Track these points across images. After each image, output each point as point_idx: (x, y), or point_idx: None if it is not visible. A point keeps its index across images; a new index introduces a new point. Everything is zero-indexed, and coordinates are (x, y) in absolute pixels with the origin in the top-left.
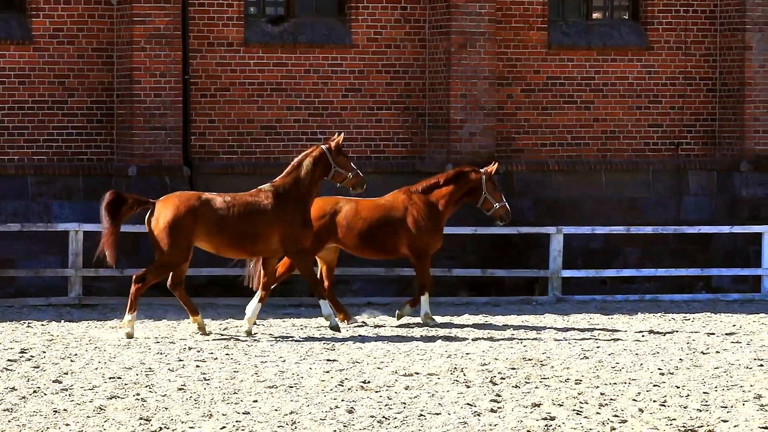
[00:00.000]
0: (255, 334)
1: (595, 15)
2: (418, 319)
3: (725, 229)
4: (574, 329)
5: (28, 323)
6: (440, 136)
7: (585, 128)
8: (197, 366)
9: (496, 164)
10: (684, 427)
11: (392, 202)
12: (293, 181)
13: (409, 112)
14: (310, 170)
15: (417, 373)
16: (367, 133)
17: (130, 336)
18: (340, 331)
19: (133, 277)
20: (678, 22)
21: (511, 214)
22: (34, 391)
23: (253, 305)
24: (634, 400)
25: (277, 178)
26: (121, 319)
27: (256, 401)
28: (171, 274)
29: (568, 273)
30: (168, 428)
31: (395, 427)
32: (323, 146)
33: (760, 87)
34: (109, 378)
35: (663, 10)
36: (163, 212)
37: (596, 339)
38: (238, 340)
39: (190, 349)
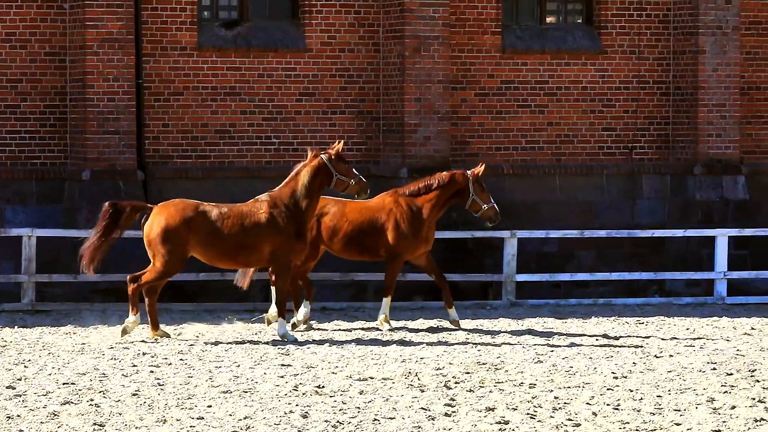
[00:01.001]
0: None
1: (548, 19)
2: (372, 324)
3: (679, 232)
4: (528, 333)
5: None
6: (394, 140)
7: (539, 132)
8: (151, 371)
9: (483, 165)
10: (637, 430)
11: (379, 205)
12: (290, 192)
13: (363, 116)
14: (308, 181)
15: (371, 378)
16: (321, 137)
17: (124, 332)
18: (296, 342)
19: (128, 277)
20: (631, 26)
21: (499, 215)
22: None
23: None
24: (587, 403)
25: (275, 189)
26: (75, 324)
27: (210, 406)
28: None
29: (522, 277)
30: None
31: None
32: (323, 155)
33: (713, 91)
34: (63, 384)
35: (616, 14)
36: (157, 219)
37: (550, 343)
38: (193, 345)
39: (144, 354)
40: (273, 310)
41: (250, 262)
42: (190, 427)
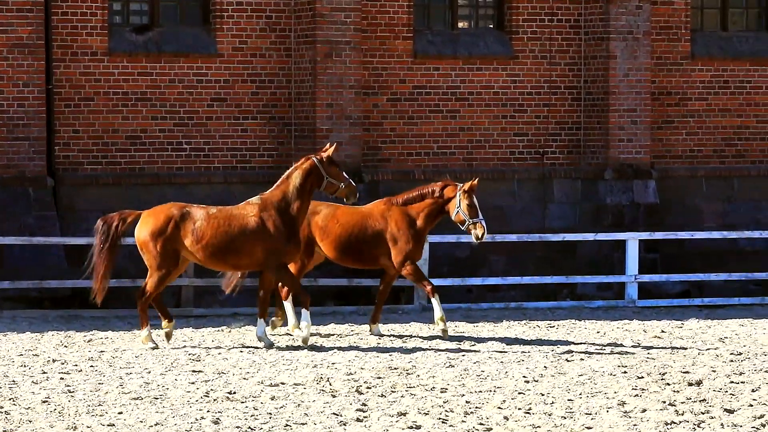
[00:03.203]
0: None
1: (460, 24)
2: (284, 329)
3: (590, 236)
4: (439, 338)
5: None
6: (306, 146)
7: (451, 137)
8: (61, 378)
9: (477, 179)
10: None
11: (374, 212)
12: (281, 194)
13: (275, 122)
14: (299, 183)
15: (283, 384)
16: (233, 143)
17: (154, 347)
18: (272, 347)
19: (137, 293)
20: (543, 32)
21: (486, 233)
22: None
23: (306, 315)
24: (499, 407)
25: (267, 191)
26: None
27: (121, 413)
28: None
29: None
30: None
31: None
32: (314, 158)
33: (624, 96)
34: None
35: (528, 20)
36: (145, 223)
37: (462, 347)
38: (103, 352)
39: (54, 361)
40: (291, 319)
41: (240, 264)
42: None
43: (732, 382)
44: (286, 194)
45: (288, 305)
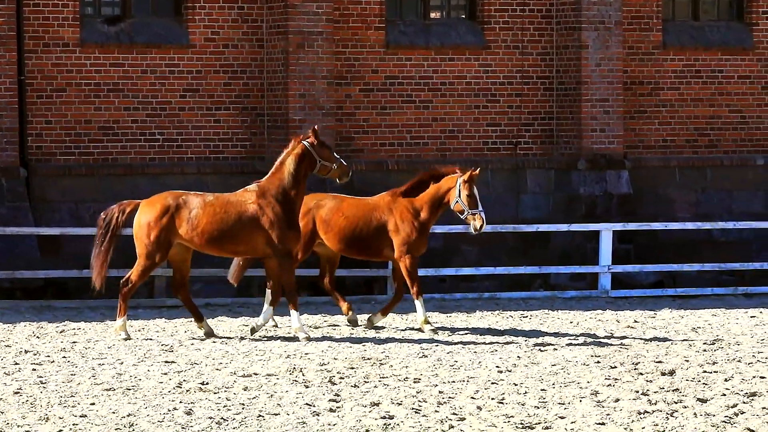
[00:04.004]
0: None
1: (432, 14)
2: (254, 320)
3: (563, 227)
4: (413, 328)
5: None
6: (279, 136)
7: (424, 128)
8: (33, 369)
9: (478, 169)
10: (522, 424)
11: (379, 204)
12: (278, 181)
13: (247, 112)
14: (294, 168)
15: (256, 374)
16: (205, 134)
17: (127, 338)
18: (309, 339)
19: (121, 281)
20: (515, 22)
21: (485, 224)
22: None
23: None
24: (472, 397)
25: (263, 179)
26: None
27: (93, 404)
28: (172, 278)
29: None
30: None
31: (234, 428)
32: (305, 142)
33: (596, 85)
34: None
35: (499, 10)
36: (142, 211)
37: (435, 338)
38: (76, 343)
39: (26, 352)
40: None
41: (238, 251)
42: (73, 425)
43: (705, 371)
44: (283, 181)
45: (268, 295)
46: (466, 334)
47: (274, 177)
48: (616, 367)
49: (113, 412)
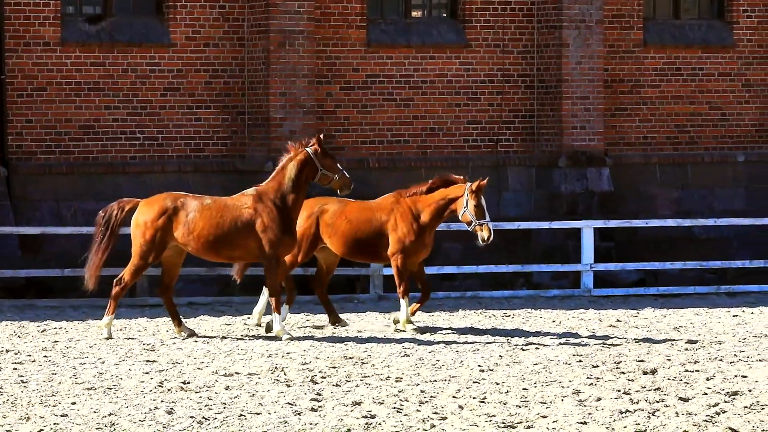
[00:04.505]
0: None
1: (413, 13)
2: (239, 318)
3: (544, 224)
4: (394, 327)
5: None
6: (260, 135)
7: (405, 126)
8: (14, 368)
9: (486, 179)
10: (503, 423)
11: (381, 206)
12: (277, 186)
13: (228, 111)
14: (294, 174)
15: (237, 373)
16: (186, 132)
17: (108, 338)
18: (292, 339)
19: (114, 280)
20: (496, 20)
21: (492, 235)
22: None
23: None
24: (454, 397)
25: (262, 183)
26: None
27: (74, 403)
28: (161, 279)
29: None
30: None
31: (215, 428)
32: (308, 149)
33: (577, 83)
34: None
35: (481, 8)
36: (140, 211)
37: (417, 336)
38: (57, 342)
39: (7, 351)
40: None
41: (233, 256)
42: (54, 424)
43: (687, 370)
44: (282, 186)
45: (263, 296)
46: (449, 333)
47: (273, 181)
48: (598, 366)
49: (94, 412)
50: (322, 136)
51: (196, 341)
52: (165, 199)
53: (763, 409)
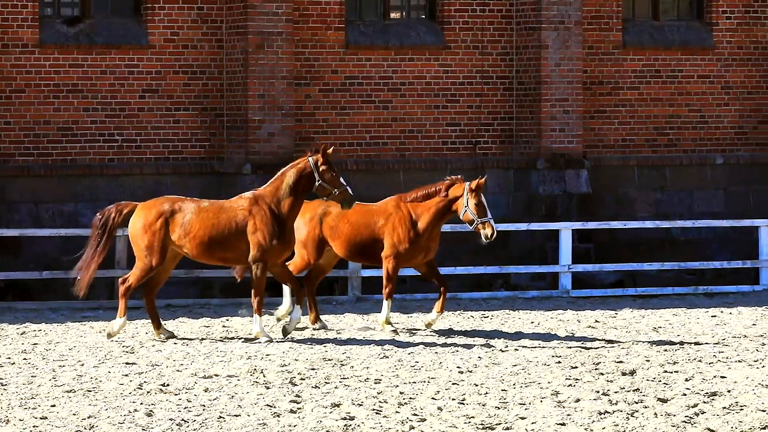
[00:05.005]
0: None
1: (392, 15)
2: (218, 320)
3: (523, 226)
4: (373, 329)
5: None
6: (239, 137)
7: (383, 128)
8: None
9: (484, 178)
10: (482, 424)
11: (381, 209)
12: (274, 191)
13: (206, 113)
14: (292, 182)
15: (216, 375)
16: (165, 134)
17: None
18: (271, 341)
19: (120, 279)
20: (474, 22)
21: (495, 232)
22: None
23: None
24: (433, 398)
25: (260, 187)
26: None
27: (54, 406)
28: (148, 280)
29: (367, 272)
30: None
31: (194, 430)
32: (310, 158)
33: (555, 85)
34: None
35: (459, 10)
36: (137, 215)
37: (396, 338)
38: (36, 345)
39: None
40: (284, 307)
41: (227, 258)
42: (33, 426)
43: (665, 371)
44: (279, 191)
45: (287, 293)
46: (427, 334)
47: (271, 186)
48: (576, 367)
49: (74, 414)
50: (331, 150)
51: (175, 343)
52: (163, 203)
53: (741, 409)
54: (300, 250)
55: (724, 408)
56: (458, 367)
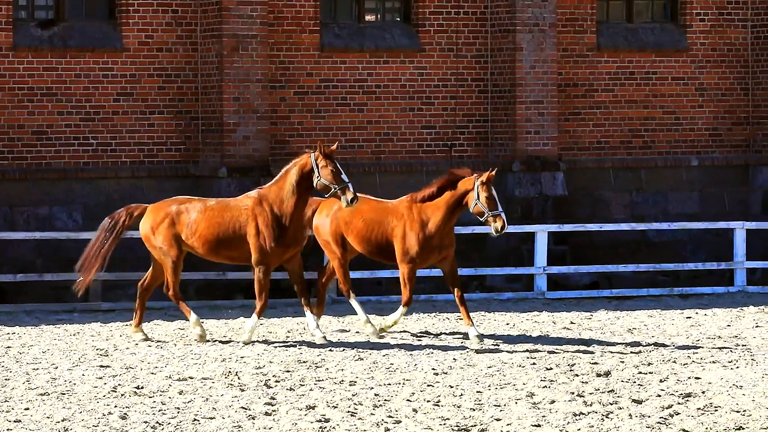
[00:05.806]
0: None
1: (367, 17)
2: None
3: None
4: (349, 331)
5: None
6: (214, 140)
7: (359, 130)
8: None
9: (495, 170)
10: (457, 426)
11: (394, 209)
12: (277, 190)
13: (181, 116)
14: (295, 180)
15: (191, 378)
16: (140, 138)
17: (145, 339)
18: (247, 343)
19: (139, 283)
20: (449, 24)
21: (506, 225)
22: None
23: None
24: (408, 400)
25: (264, 186)
26: None
27: (27, 409)
28: (146, 276)
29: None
30: None
31: None
32: (312, 154)
33: (530, 87)
34: None
35: (434, 12)
36: (146, 217)
37: (371, 340)
38: (10, 347)
39: None
40: (361, 315)
41: (232, 256)
42: (7, 430)
43: (640, 372)
44: (282, 190)
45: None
46: (403, 336)
47: (275, 185)
48: (551, 368)
49: (48, 417)
50: (335, 146)
51: (149, 346)
52: (171, 203)
53: (716, 410)
54: (327, 250)
55: (699, 409)
56: (433, 369)
